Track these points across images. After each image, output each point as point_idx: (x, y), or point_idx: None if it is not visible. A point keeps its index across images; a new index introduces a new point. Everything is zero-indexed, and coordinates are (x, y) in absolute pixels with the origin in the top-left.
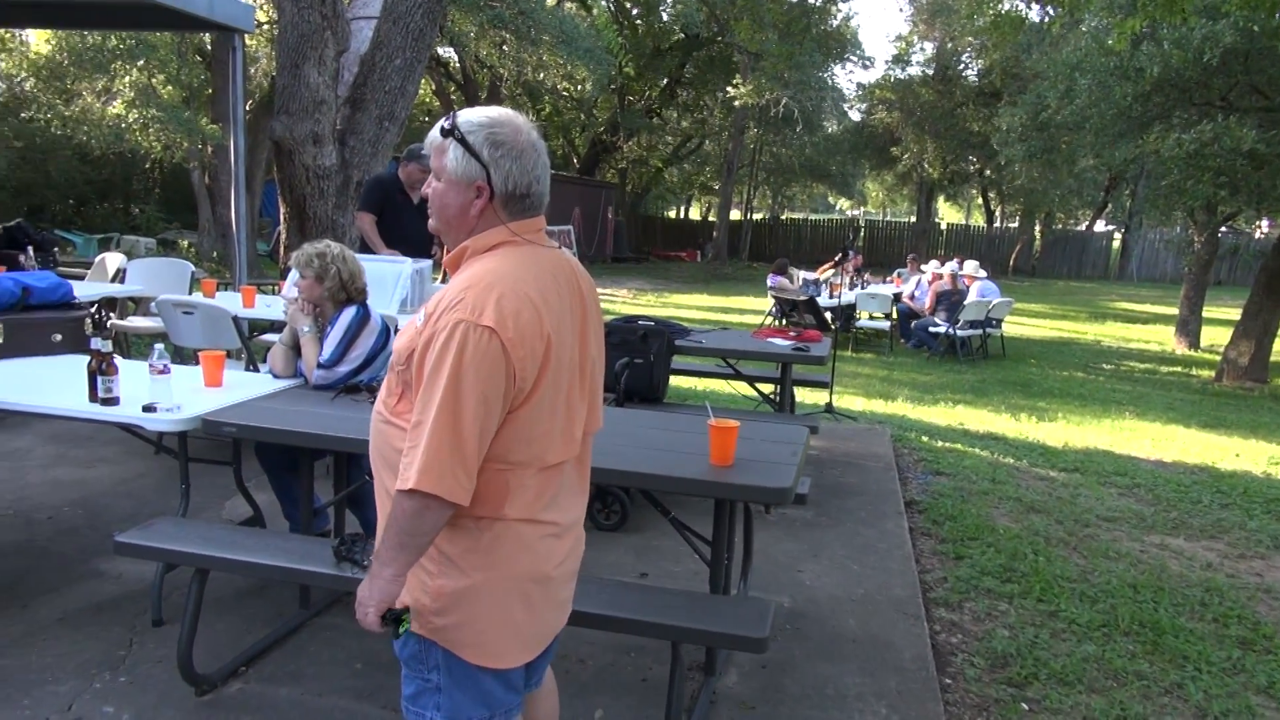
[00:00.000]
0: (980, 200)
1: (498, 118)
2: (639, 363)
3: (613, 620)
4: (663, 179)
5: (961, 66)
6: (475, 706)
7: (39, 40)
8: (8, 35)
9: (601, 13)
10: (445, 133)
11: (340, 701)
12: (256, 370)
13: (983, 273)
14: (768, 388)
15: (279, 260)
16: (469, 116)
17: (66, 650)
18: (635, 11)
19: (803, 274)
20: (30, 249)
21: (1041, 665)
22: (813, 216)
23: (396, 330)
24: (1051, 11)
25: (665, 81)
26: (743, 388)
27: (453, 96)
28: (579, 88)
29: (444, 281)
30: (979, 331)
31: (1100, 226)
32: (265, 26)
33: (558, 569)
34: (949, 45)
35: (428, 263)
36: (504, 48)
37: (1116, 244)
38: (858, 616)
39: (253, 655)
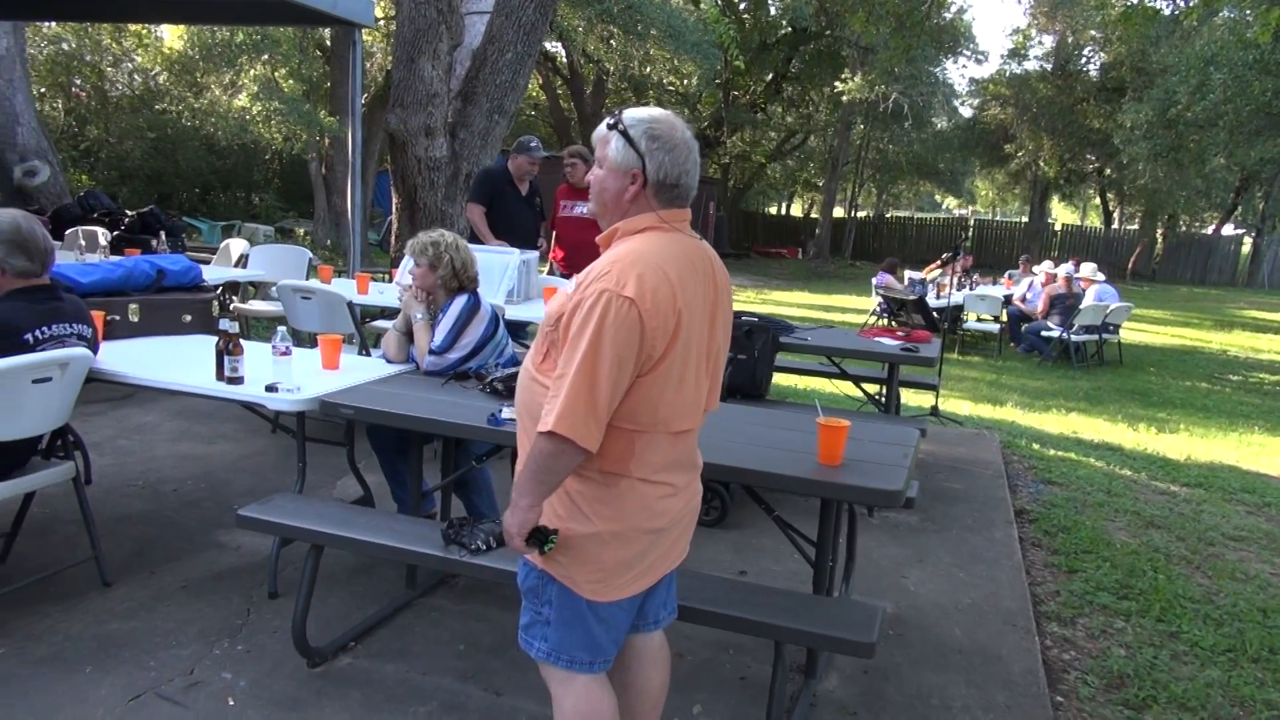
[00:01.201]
0: (1098, 200)
1: (657, 115)
2: (742, 359)
3: (715, 616)
4: (765, 175)
5: (1083, 60)
6: (577, 647)
7: (172, 36)
8: (144, 31)
9: (711, 6)
10: (610, 126)
11: (444, 681)
12: (369, 355)
13: (1100, 276)
14: (872, 388)
15: (389, 249)
16: (633, 113)
17: (189, 616)
18: (743, 5)
19: (909, 273)
20: (162, 234)
21: (1161, 688)
22: (918, 215)
23: (505, 319)
24: (1184, 3)
25: (771, 76)
26: (846, 387)
27: (559, 90)
28: (685, 82)
29: (550, 273)
30: (1095, 337)
31: (1228, 230)
32: (382, 22)
33: (672, 522)
34: (1070, 38)
35: (534, 254)
36: (611, 42)
37: (1246, 249)
38: (964, 626)
39: (361, 631)
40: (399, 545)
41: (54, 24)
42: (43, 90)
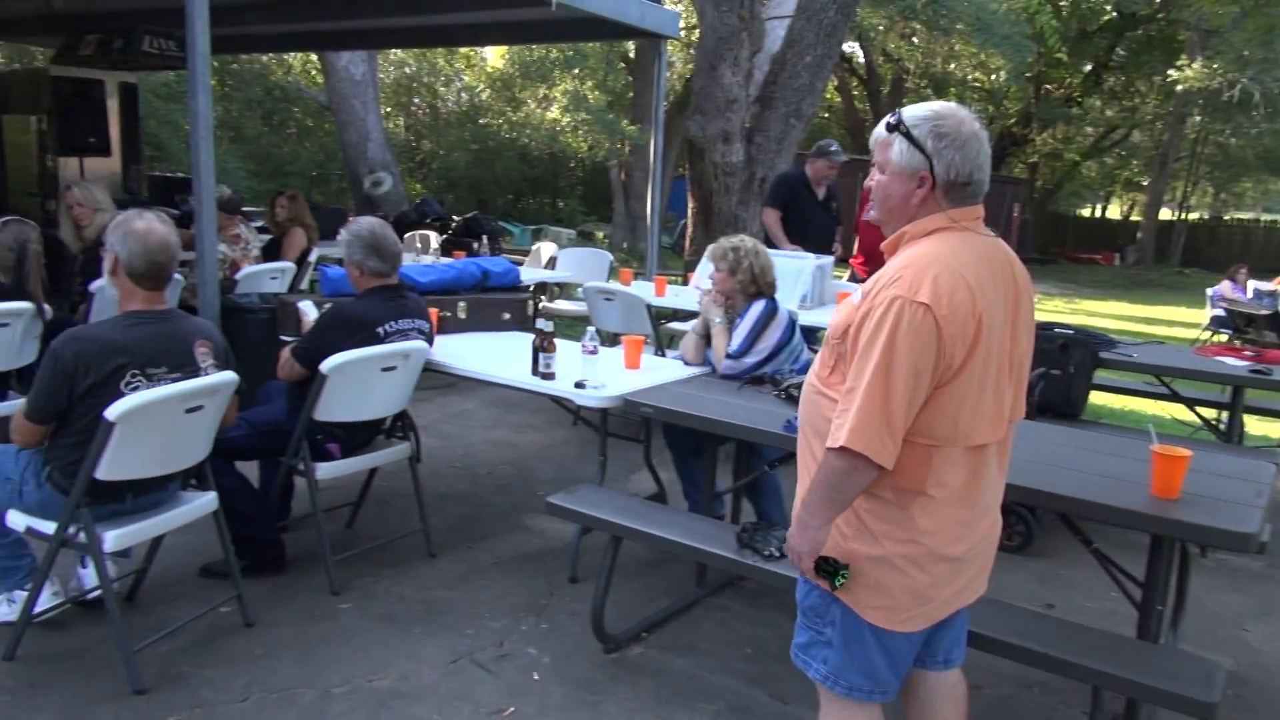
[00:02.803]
0: None
1: (941, 110)
2: (1056, 374)
3: (1023, 651)
4: (1079, 174)
5: None
6: (858, 674)
7: (495, 56)
8: (472, 53)
9: None
10: (890, 128)
11: (730, 682)
12: (664, 355)
13: None
14: (1208, 413)
15: (683, 253)
16: (914, 111)
17: (499, 592)
18: None
19: (1254, 284)
20: (484, 238)
21: None
22: (1266, 216)
23: (798, 325)
24: None
25: (1090, 67)
26: (1172, 410)
27: (854, 91)
28: (991, 77)
29: (851, 279)
30: None
31: None
32: (683, 32)
33: (969, 550)
34: None
35: (829, 259)
36: (914, 39)
37: None
38: None
39: (653, 623)
40: (695, 544)
41: (399, 50)
42: (388, 109)
